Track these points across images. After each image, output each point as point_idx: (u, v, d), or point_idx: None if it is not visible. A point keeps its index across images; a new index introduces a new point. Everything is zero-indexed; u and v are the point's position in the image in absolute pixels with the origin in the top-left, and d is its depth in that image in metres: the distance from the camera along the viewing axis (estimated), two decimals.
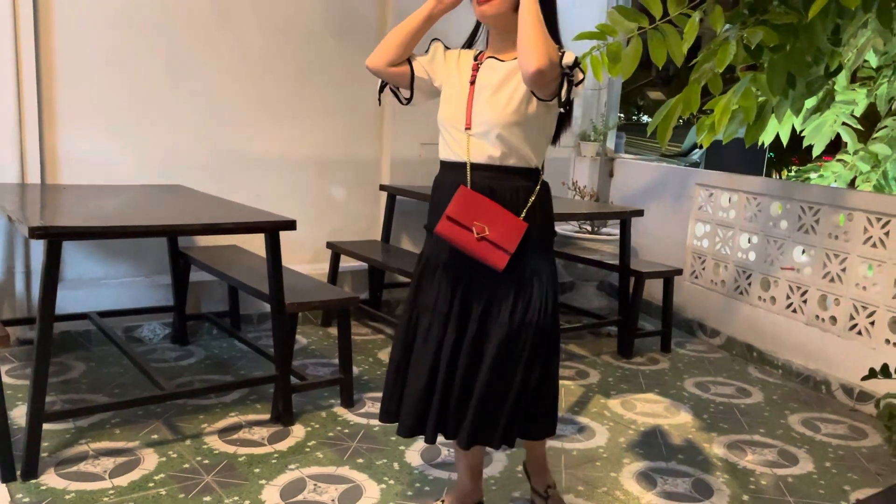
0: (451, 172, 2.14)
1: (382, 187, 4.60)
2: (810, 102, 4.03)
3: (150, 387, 3.11)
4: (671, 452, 2.95)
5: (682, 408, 3.43)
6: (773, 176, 8.89)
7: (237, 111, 4.14)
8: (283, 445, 2.83)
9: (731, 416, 3.36)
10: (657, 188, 5.05)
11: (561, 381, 3.65)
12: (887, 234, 3.47)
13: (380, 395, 3.33)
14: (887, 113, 4.43)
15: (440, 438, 2.16)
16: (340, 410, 3.18)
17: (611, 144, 5.50)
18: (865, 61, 4.24)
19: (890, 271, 3.44)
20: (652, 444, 3.02)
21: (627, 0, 5.43)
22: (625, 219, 4.06)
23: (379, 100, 2.32)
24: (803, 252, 3.96)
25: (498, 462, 2.79)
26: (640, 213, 4.07)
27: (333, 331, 4.25)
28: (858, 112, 4.38)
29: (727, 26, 2.96)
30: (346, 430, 2.99)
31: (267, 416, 3.07)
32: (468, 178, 2.08)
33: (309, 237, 4.35)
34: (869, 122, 4.70)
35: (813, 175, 5.45)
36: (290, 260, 2.86)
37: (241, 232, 2.86)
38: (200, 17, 3.95)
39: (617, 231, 4.79)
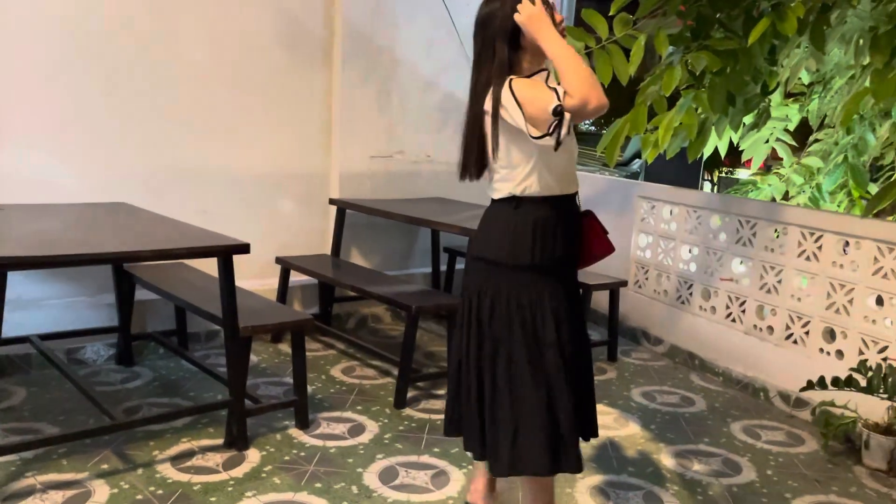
0: (560, 204, 2.20)
1: (332, 201, 4.58)
2: (748, 119, 4.21)
3: (96, 412, 3.03)
4: (622, 465, 3.03)
5: (631, 418, 3.53)
6: (705, 176, 9.20)
7: (181, 125, 4.06)
8: (238, 472, 2.80)
9: (677, 426, 3.47)
10: (601, 200, 5.17)
11: None
12: (820, 247, 3.64)
13: (335, 413, 3.37)
14: (819, 127, 4.65)
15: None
16: (295, 432, 3.15)
17: None
18: (798, 79, 4.44)
19: (822, 283, 3.62)
20: (604, 457, 3.10)
21: (571, 19, 5.52)
22: None
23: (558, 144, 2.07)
24: (741, 263, 4.12)
25: (456, 482, 2.82)
26: None
27: (284, 347, 4.22)
28: (792, 127, 4.58)
29: (671, 49, 3.07)
30: (303, 453, 2.97)
31: (220, 441, 3.02)
32: (575, 205, 2.30)
33: (257, 252, 4.25)
34: (802, 136, 4.91)
35: (750, 186, 5.68)
36: (237, 275, 2.82)
37: (194, 257, 2.83)
38: (141, 31, 3.86)
39: None
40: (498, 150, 2.12)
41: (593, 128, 13.18)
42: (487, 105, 2.10)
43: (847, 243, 3.55)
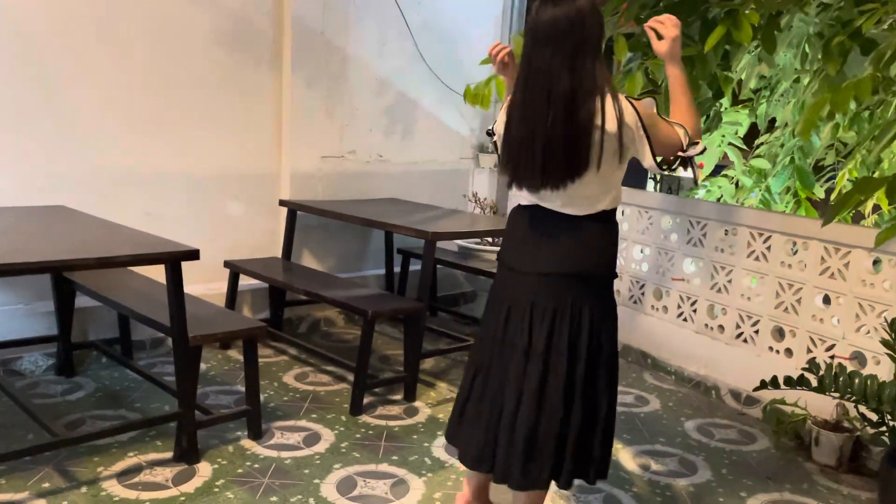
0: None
1: (282, 202, 4.46)
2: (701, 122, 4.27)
3: (35, 427, 2.87)
4: None
5: None
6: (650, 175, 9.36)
7: (123, 124, 3.89)
8: (189, 486, 2.69)
9: (633, 426, 3.49)
10: None
11: None
12: (769, 248, 3.71)
13: (289, 422, 3.28)
14: (767, 129, 4.75)
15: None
16: (248, 443, 3.05)
17: None
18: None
19: (771, 283, 3.69)
20: None
21: (522, 21, 5.52)
22: None
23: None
24: (692, 263, 4.18)
25: (416, 490, 2.77)
26: None
27: (233, 353, 4.10)
28: (742, 132, 4.67)
29: (630, 55, 3.08)
30: (256, 465, 2.88)
31: (169, 455, 2.90)
32: None
33: (204, 256, 4.09)
34: (751, 140, 5.02)
35: (701, 191, 5.78)
36: (183, 280, 2.71)
37: (140, 264, 2.69)
38: (79, 26, 3.68)
39: None
40: (602, 164, 2.04)
41: None
42: (598, 119, 2.00)
43: (795, 244, 3.63)
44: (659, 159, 2.10)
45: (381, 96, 4.87)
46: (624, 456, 3.17)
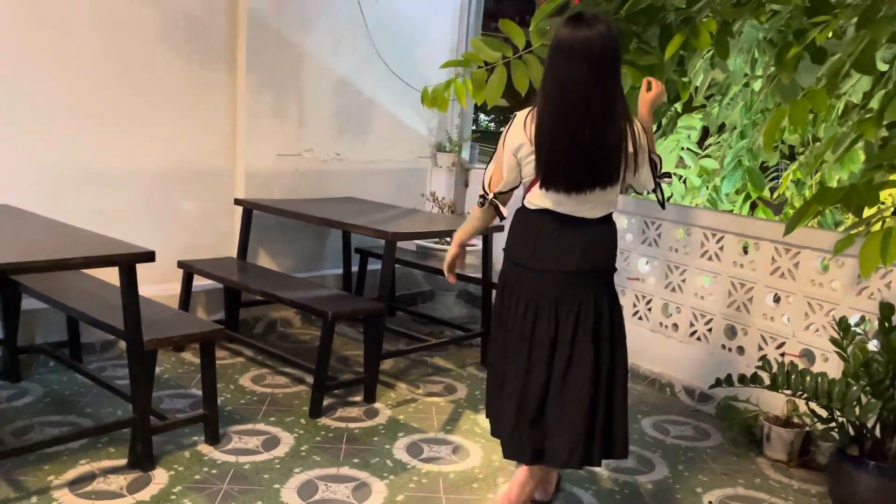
0: None
1: (238, 201, 4.38)
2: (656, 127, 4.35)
3: None
4: None
5: None
6: None
7: (72, 122, 3.77)
8: (144, 494, 2.62)
9: None
10: (512, 202, 5.21)
11: (430, 398, 3.70)
12: (721, 248, 3.80)
13: (247, 425, 3.22)
14: (718, 130, 4.86)
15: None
16: (205, 448, 2.99)
17: (465, 155, 5.60)
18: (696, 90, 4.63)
19: (724, 282, 3.78)
20: None
21: (479, 20, 5.53)
22: (487, 234, 4.15)
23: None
24: (647, 263, 4.25)
25: (378, 494, 2.75)
26: (500, 228, 4.17)
27: (188, 356, 4.01)
28: (695, 136, 4.76)
29: None
30: (214, 471, 2.82)
31: (123, 462, 2.83)
32: None
33: (158, 256, 4.02)
34: (703, 143, 5.13)
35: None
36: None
37: (93, 267, 2.61)
38: (24, 20, 3.55)
39: (475, 241, 4.89)
40: (624, 176, 2.35)
41: (499, 126, 13.34)
42: (626, 136, 2.29)
43: (747, 244, 3.73)
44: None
45: (339, 94, 4.82)
46: None
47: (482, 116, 12.85)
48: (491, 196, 2.50)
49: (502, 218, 2.56)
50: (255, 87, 4.37)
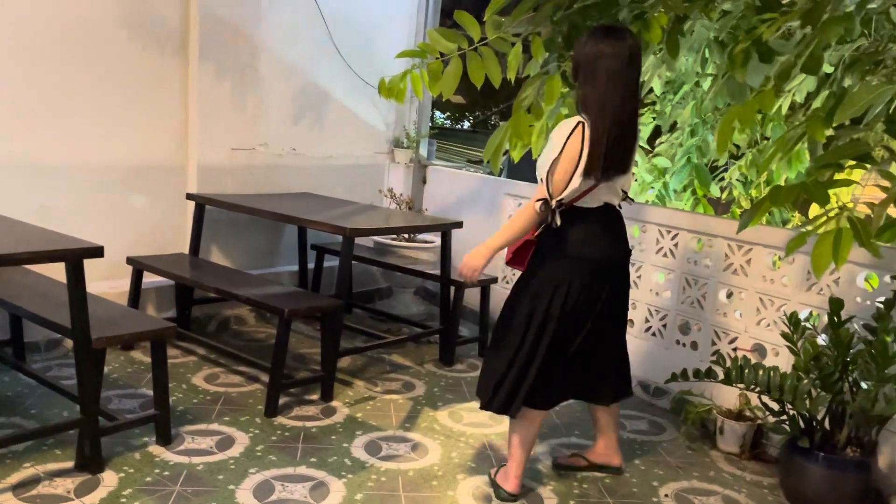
0: None
1: (189, 196, 4.28)
2: None
3: None
4: (501, 463, 3.05)
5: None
6: None
7: (12, 111, 3.62)
8: (93, 498, 2.53)
9: (548, 420, 3.55)
10: (469, 196, 5.21)
11: (389, 396, 3.67)
12: (676, 245, 3.86)
13: (200, 425, 3.14)
14: (670, 129, 4.93)
15: None
16: (157, 449, 2.91)
17: (423, 152, 5.58)
18: (650, 89, 4.69)
19: (678, 279, 3.83)
20: (482, 455, 3.11)
21: (437, 14, 5.51)
22: (445, 230, 4.13)
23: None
24: None
25: (336, 493, 2.71)
26: (459, 224, 4.16)
27: (137, 355, 3.90)
28: (646, 133, 4.83)
29: (546, 55, 3.12)
30: (166, 473, 2.74)
31: (70, 464, 2.72)
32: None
33: (106, 252, 3.90)
34: (654, 141, 5.19)
35: None
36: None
37: (39, 262, 2.50)
38: None
39: (432, 238, 4.87)
40: None
41: (460, 124, 13.36)
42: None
43: (701, 241, 3.78)
44: None
45: (295, 88, 4.75)
46: (541, 450, 3.22)
47: (438, 114, 12.85)
48: (555, 203, 2.54)
49: (555, 226, 2.57)
50: (209, 80, 4.27)
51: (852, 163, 2.19)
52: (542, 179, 2.56)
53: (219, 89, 4.34)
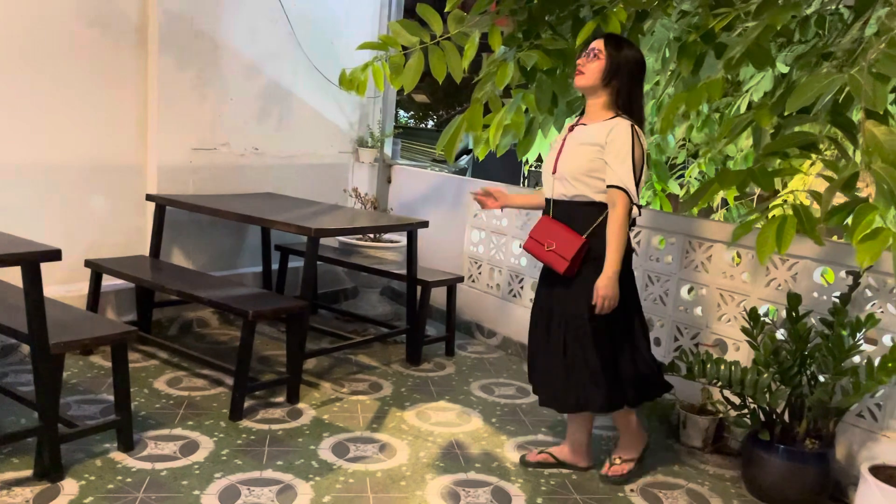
0: (546, 206, 2.89)
1: (149, 197, 4.20)
2: (570, 120, 4.43)
3: None
4: (469, 462, 3.06)
5: (473, 413, 3.58)
6: (525, 170, 9.68)
7: None
8: None
9: (515, 417, 3.57)
10: (434, 195, 5.21)
11: (355, 397, 3.65)
12: (639, 242, 3.91)
13: (163, 430, 3.09)
14: None
15: None
16: (119, 456, 2.85)
17: (388, 151, 5.56)
18: None
19: (641, 276, 3.88)
20: (450, 455, 3.12)
21: (400, 13, 5.50)
22: (411, 230, 4.12)
23: None
24: None
25: (304, 496, 2.69)
26: (425, 224, 4.16)
27: (96, 360, 3.82)
28: None
29: (503, 48, 3.13)
30: (129, 479, 2.69)
31: (29, 473, 2.65)
32: (551, 209, 2.85)
33: (63, 254, 3.84)
34: None
35: None
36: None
37: None
38: None
39: (397, 237, 4.86)
40: None
41: (424, 123, 13.34)
42: None
43: (663, 239, 3.84)
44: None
45: (257, 87, 4.69)
46: (509, 447, 3.23)
47: (402, 113, 12.83)
48: (635, 209, 2.69)
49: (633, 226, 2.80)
50: (168, 78, 4.20)
51: (798, 152, 2.26)
52: (622, 184, 2.62)
53: (179, 88, 4.27)
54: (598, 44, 2.72)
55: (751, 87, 4.29)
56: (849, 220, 1.83)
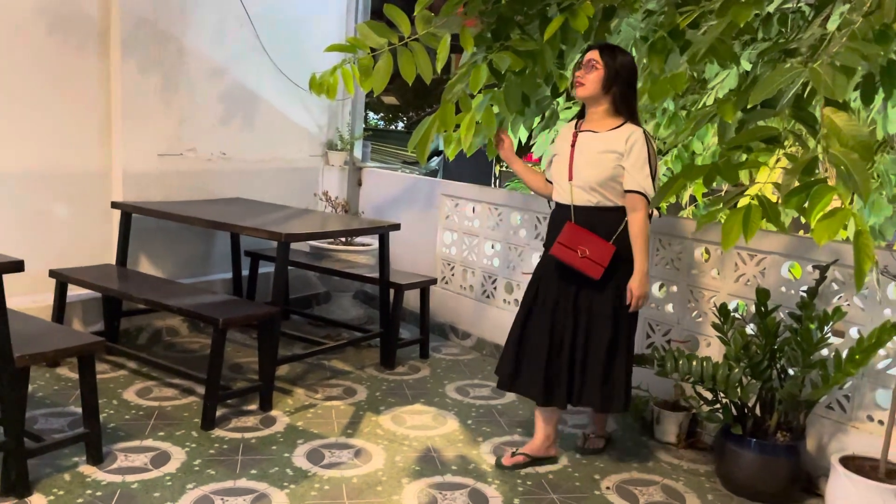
0: (561, 211, 2.99)
1: (115, 204, 4.12)
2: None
3: None
4: (445, 465, 3.05)
5: (448, 415, 3.57)
6: (496, 170, 9.70)
7: None
8: None
9: (491, 419, 3.57)
10: (405, 197, 5.20)
11: (330, 402, 3.62)
12: None
13: (133, 442, 3.03)
14: None
15: None
16: (88, 469, 2.79)
17: (358, 153, 5.53)
18: None
19: None
20: (426, 458, 3.10)
21: (367, 14, 5.47)
22: (383, 233, 4.10)
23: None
24: (540, 257, 4.33)
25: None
26: (396, 227, 4.14)
27: (63, 371, 3.74)
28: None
29: (473, 48, 3.13)
30: (99, 493, 2.63)
31: None
32: (572, 215, 2.91)
33: (26, 265, 3.75)
34: None
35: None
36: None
37: None
38: None
39: (370, 241, 4.84)
40: None
41: (394, 125, 13.31)
42: None
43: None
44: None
45: (223, 91, 4.63)
46: (485, 448, 3.23)
47: (372, 115, 12.78)
48: (652, 209, 2.89)
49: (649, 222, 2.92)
50: (132, 82, 4.13)
51: (762, 146, 2.30)
52: (642, 189, 2.80)
53: (143, 92, 4.20)
54: (594, 55, 2.88)
55: (716, 85, 4.34)
56: (807, 205, 1.86)
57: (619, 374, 2.95)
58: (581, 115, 3.04)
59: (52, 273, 3.81)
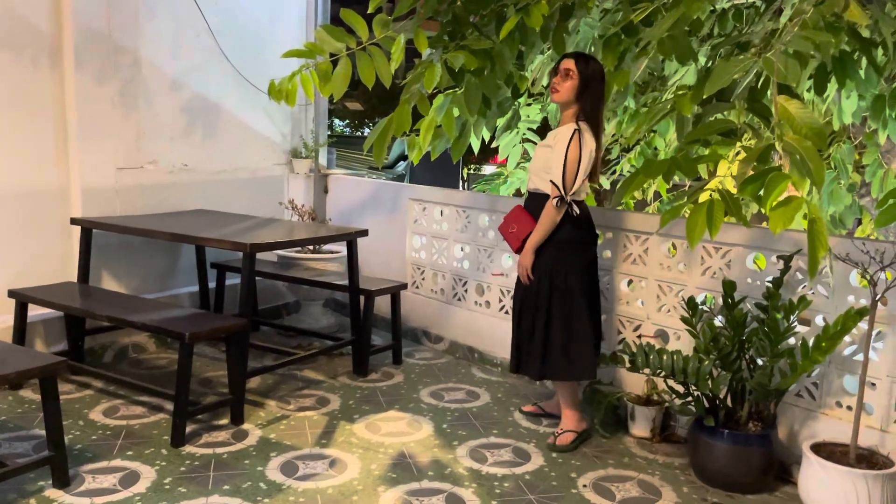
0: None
1: (74, 220, 4.03)
2: (502, 121, 4.45)
3: None
4: (422, 471, 3.03)
5: (423, 421, 3.55)
6: (464, 173, 9.71)
7: None
8: None
9: (467, 422, 3.56)
10: (373, 203, 5.17)
11: (303, 413, 3.58)
12: None
13: (101, 463, 2.96)
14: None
15: None
16: (54, 493, 2.71)
17: (323, 161, 5.49)
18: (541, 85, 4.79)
19: None
20: (402, 465, 3.08)
21: (327, 18, 5.44)
22: (351, 239, 4.07)
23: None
24: (509, 258, 4.34)
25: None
26: (364, 233, 4.11)
27: (26, 394, 3.65)
28: (535, 126, 4.92)
29: (429, 50, 3.12)
30: None
31: None
32: (524, 200, 3.36)
33: None
34: (545, 133, 5.30)
35: (501, 179, 6.06)
36: None
37: None
38: None
39: (338, 248, 4.80)
40: None
41: (360, 131, 13.25)
42: None
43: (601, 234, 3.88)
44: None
45: (183, 101, 4.56)
46: (461, 452, 3.21)
47: (337, 121, 12.72)
48: (570, 198, 3.10)
49: (574, 215, 3.14)
50: (87, 96, 4.04)
51: (720, 139, 2.33)
52: (554, 179, 3.08)
53: (99, 106, 4.11)
54: (570, 63, 3.13)
55: (675, 82, 4.39)
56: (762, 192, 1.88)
57: (537, 345, 3.25)
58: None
59: (12, 293, 3.71)
